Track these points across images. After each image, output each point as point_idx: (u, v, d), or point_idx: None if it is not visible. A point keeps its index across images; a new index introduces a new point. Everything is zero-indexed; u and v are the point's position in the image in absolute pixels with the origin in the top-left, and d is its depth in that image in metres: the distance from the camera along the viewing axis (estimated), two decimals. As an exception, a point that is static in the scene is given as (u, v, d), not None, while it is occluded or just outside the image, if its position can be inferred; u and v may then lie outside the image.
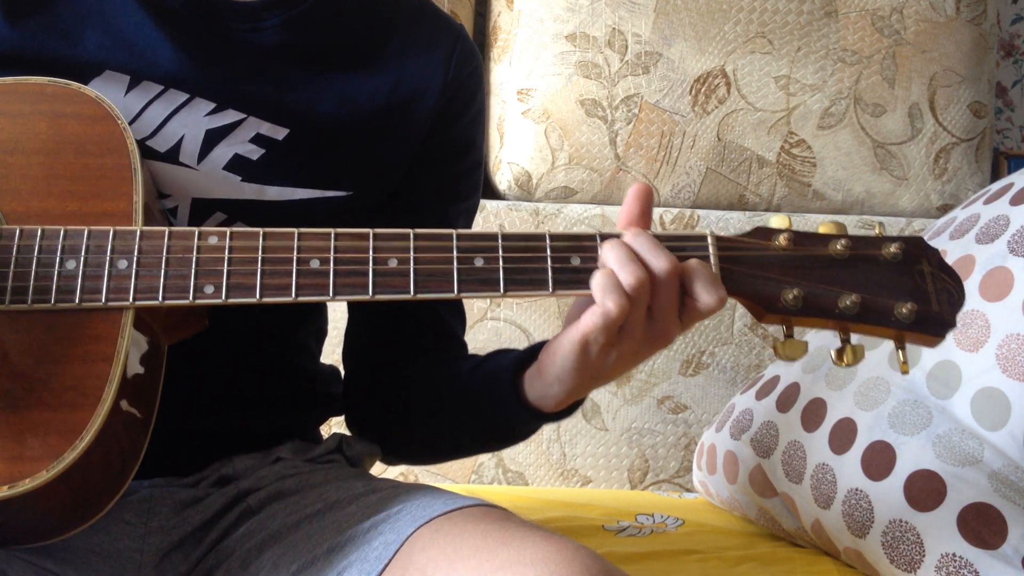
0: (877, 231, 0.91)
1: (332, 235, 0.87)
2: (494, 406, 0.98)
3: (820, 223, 0.92)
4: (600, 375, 0.89)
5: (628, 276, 0.84)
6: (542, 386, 0.93)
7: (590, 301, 0.87)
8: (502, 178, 1.85)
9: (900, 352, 0.90)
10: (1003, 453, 1.19)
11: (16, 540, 0.87)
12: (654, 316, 0.86)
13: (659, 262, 0.85)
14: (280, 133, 1.02)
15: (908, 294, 0.88)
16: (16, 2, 0.97)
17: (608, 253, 0.86)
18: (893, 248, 0.89)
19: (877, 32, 1.89)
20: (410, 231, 0.88)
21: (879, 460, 1.25)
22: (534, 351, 0.95)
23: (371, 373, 1.14)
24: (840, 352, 0.89)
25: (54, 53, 0.96)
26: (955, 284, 0.90)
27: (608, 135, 1.83)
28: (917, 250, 0.90)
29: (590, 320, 0.85)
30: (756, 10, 1.86)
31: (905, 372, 0.89)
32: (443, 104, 1.09)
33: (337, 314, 1.22)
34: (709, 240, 0.89)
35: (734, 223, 1.81)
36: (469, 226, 1.17)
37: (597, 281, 0.85)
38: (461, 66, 1.10)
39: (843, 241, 0.89)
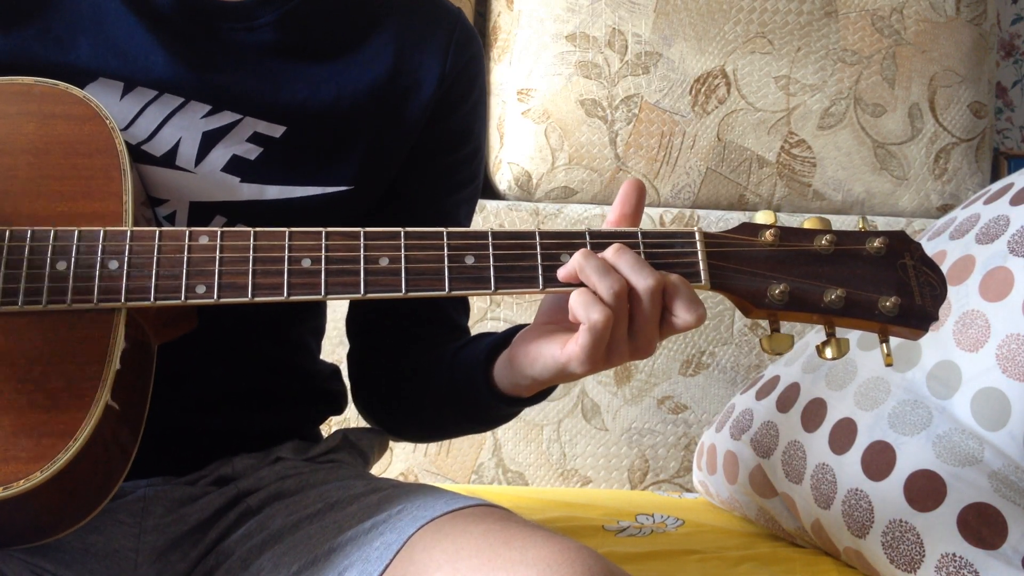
0: (860, 226, 0.92)
1: (323, 234, 0.87)
2: (469, 393, 0.99)
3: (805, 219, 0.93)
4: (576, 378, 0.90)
5: (607, 288, 0.84)
6: (513, 377, 0.93)
7: (564, 298, 0.87)
8: (502, 178, 1.85)
9: (884, 345, 0.91)
10: (1003, 453, 1.19)
11: (9, 541, 0.88)
12: (635, 331, 0.86)
13: (643, 280, 0.85)
14: (277, 131, 1.01)
15: (892, 288, 0.90)
16: (8, 10, 0.97)
17: (585, 264, 0.85)
18: (877, 243, 0.91)
19: (877, 32, 1.89)
20: (400, 230, 0.88)
21: (879, 460, 1.25)
22: (510, 334, 0.95)
23: (369, 357, 1.14)
24: (825, 345, 0.91)
25: (47, 61, 0.96)
26: (937, 277, 0.91)
27: (608, 135, 1.83)
28: (900, 245, 0.91)
29: (576, 348, 0.85)
30: (756, 10, 1.86)
31: (889, 364, 0.90)
32: (442, 92, 1.08)
33: (337, 313, 1.22)
34: (697, 237, 0.90)
35: (734, 223, 1.79)
36: (470, 215, 1.17)
37: (576, 298, 0.84)
38: (459, 52, 1.09)
39: (828, 236, 0.91)
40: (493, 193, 1.88)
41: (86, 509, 0.86)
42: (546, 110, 1.82)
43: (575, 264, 0.86)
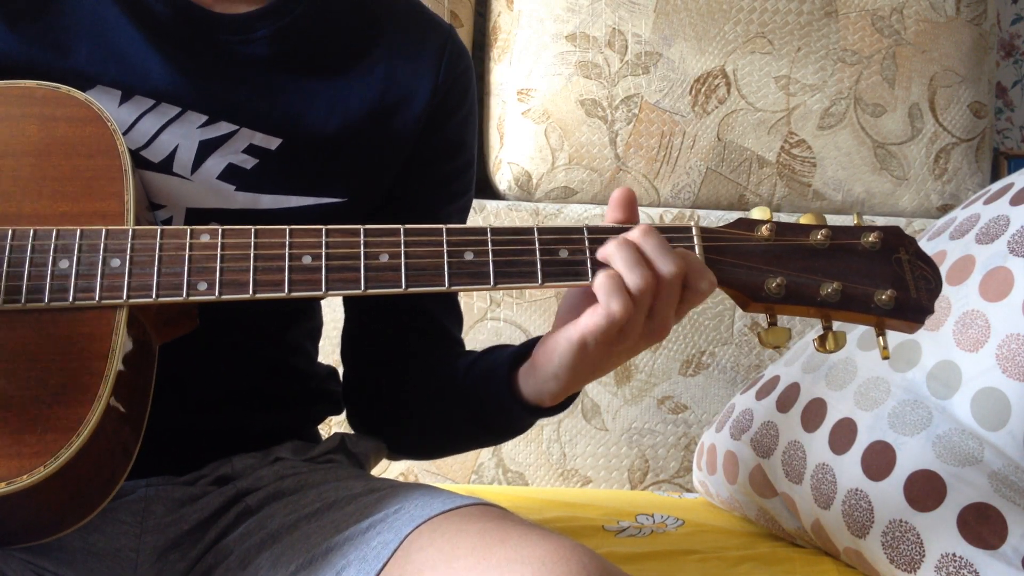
0: (856, 221, 0.93)
1: (323, 232, 0.88)
2: (491, 403, 0.99)
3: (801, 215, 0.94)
4: (596, 370, 0.91)
5: (636, 280, 0.85)
6: (536, 382, 0.94)
7: (581, 294, 0.89)
8: (502, 178, 1.85)
9: (880, 338, 0.92)
10: (1003, 453, 1.19)
11: (11, 539, 0.88)
12: (653, 315, 0.87)
13: (667, 266, 0.85)
14: (273, 143, 1.02)
15: (887, 281, 0.90)
16: (9, 14, 0.97)
17: (616, 253, 0.86)
18: (871, 237, 0.92)
19: (877, 32, 1.89)
20: (400, 227, 0.89)
21: (879, 460, 1.25)
22: (529, 346, 0.96)
23: (367, 372, 1.14)
24: (822, 339, 0.91)
25: (46, 65, 0.97)
26: (932, 271, 0.92)
27: (608, 135, 1.83)
28: (894, 239, 0.92)
29: (591, 321, 0.85)
30: (756, 10, 1.86)
31: (886, 358, 0.91)
32: (434, 105, 1.09)
33: (337, 314, 1.22)
34: (694, 231, 0.91)
35: (734, 223, 1.80)
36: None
37: (601, 283, 0.85)
38: (451, 66, 1.10)
39: (823, 231, 0.91)
40: (493, 193, 1.88)
41: (88, 508, 0.86)
42: (546, 110, 1.83)
43: (607, 251, 0.86)
